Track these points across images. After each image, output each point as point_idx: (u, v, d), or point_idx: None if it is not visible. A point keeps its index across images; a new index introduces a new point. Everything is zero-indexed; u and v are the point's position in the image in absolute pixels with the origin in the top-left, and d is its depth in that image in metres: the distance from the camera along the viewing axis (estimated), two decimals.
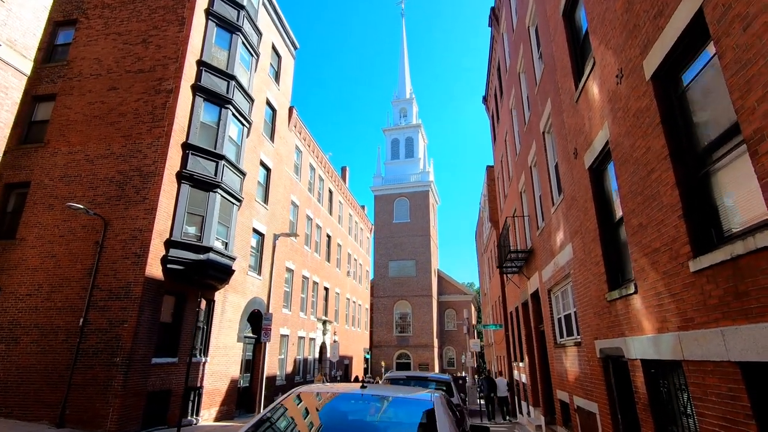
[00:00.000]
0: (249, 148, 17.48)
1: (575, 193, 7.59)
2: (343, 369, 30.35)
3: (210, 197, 13.70)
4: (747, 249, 3.17)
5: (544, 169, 10.28)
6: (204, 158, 13.75)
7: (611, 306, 6.11)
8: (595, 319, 6.89)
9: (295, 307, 22.14)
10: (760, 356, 3.07)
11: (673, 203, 4.23)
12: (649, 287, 4.83)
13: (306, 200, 24.49)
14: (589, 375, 7.40)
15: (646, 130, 4.72)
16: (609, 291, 6.13)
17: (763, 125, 3.00)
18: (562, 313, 9.50)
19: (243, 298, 16.59)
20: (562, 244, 8.76)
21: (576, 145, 7.42)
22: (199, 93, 14.06)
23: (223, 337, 15.13)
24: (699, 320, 3.90)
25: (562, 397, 9.51)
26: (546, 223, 10.31)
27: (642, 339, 5.06)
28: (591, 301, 7.07)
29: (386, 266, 54.79)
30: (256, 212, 18.10)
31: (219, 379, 14.79)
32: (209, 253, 13.24)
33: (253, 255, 17.93)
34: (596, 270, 6.67)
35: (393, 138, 61.83)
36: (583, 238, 7.26)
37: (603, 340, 6.53)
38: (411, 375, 8.42)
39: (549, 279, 10.13)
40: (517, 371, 17.17)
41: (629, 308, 5.45)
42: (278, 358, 19.97)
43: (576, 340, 8.26)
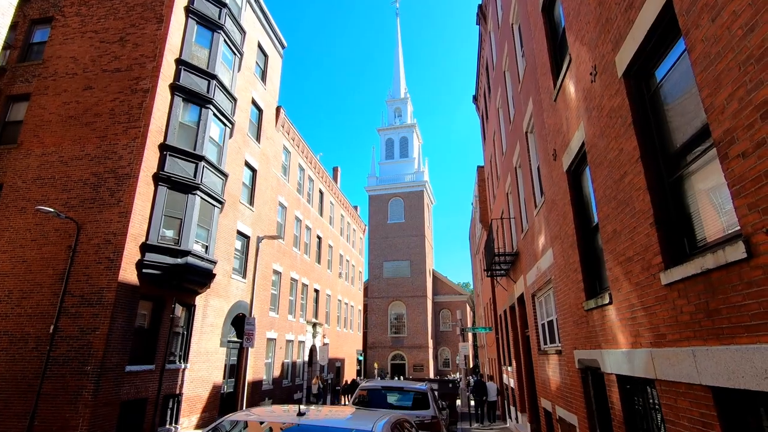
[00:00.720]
0: (233, 149, 17.13)
1: (555, 196, 7.30)
2: (334, 371, 30.02)
3: (189, 199, 13.34)
4: (717, 263, 2.88)
5: (527, 171, 9.99)
6: (183, 159, 13.39)
7: (588, 315, 5.82)
8: (574, 328, 6.60)
9: (283, 310, 21.80)
10: (731, 382, 2.78)
11: (644, 209, 3.93)
12: (623, 298, 4.53)
13: (295, 201, 24.14)
14: (569, 385, 7.11)
15: (618, 131, 4.42)
16: (586, 300, 5.84)
17: (733, 126, 2.70)
18: (545, 319, 9.21)
19: (226, 302, 16.24)
20: (544, 248, 8.46)
21: (555, 147, 7.12)
22: (177, 92, 13.70)
23: (205, 343, 14.79)
24: (671, 337, 3.60)
25: (546, 406, 9.23)
26: (529, 226, 10.02)
27: (617, 353, 4.76)
28: (570, 309, 6.77)
29: (381, 267, 54.53)
30: (241, 214, 17.75)
31: (200, 385, 14.44)
32: (188, 256, 12.89)
33: (238, 258, 17.58)
34: (574, 277, 6.37)
35: (387, 138, 61.54)
36: (563, 243, 6.96)
37: (581, 350, 6.24)
38: (386, 385, 8.11)
39: (533, 283, 9.84)
40: (506, 375, 16.89)
41: (605, 319, 5.16)
42: (264, 362, 19.63)
43: (557, 348, 7.97)
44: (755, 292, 2.56)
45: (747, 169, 2.59)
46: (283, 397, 21.07)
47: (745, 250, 2.60)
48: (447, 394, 20.18)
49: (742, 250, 2.62)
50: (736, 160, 2.69)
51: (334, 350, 30.51)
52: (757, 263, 2.54)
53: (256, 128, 19.91)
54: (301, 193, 25.45)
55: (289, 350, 22.56)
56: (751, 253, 2.58)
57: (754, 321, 2.58)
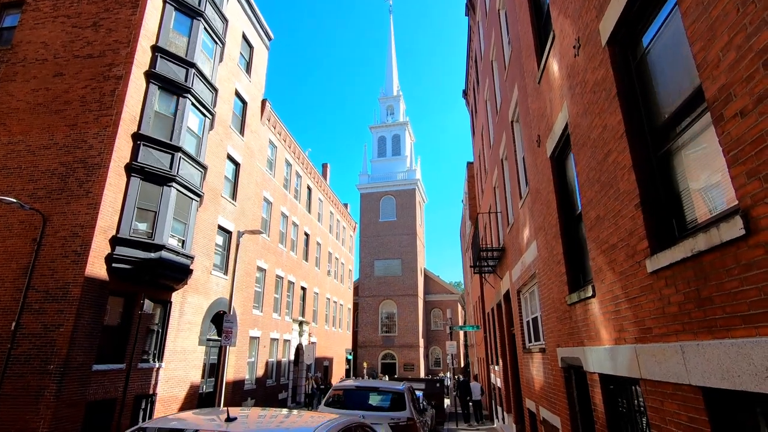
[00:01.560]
0: (214, 141, 16.59)
1: (539, 185, 6.91)
2: (322, 371, 29.52)
3: (164, 192, 12.80)
4: (710, 244, 2.47)
5: (513, 162, 9.60)
6: (158, 150, 12.85)
7: (571, 310, 5.42)
8: (558, 324, 6.21)
9: (268, 308, 21.28)
10: (724, 382, 2.37)
11: (629, 189, 3.53)
12: (607, 290, 4.13)
13: (281, 197, 23.62)
14: (552, 385, 6.72)
15: (602, 106, 4.02)
16: (569, 293, 5.45)
17: (730, 80, 2.30)
18: (530, 317, 8.83)
19: (206, 299, 15.71)
20: (528, 241, 8.07)
21: (539, 132, 6.73)
22: (153, 80, 13.15)
23: (182, 341, 14.25)
24: (657, 331, 3.20)
25: (530, 407, 8.84)
26: (515, 219, 9.63)
27: (599, 350, 4.36)
28: (554, 304, 6.38)
29: (372, 265, 54.06)
30: (223, 209, 17.22)
31: (176, 385, 13.91)
32: (162, 251, 12.36)
33: (219, 254, 17.05)
34: (558, 270, 5.98)
35: (380, 135, 61.06)
36: (546, 234, 6.57)
37: (564, 348, 5.85)
38: (361, 385, 7.67)
39: (518, 279, 9.45)
40: (494, 374, 16.54)
41: (588, 314, 4.76)
42: (247, 361, 19.11)
43: (541, 346, 7.58)
44: (754, 276, 2.15)
45: (746, 129, 2.19)
46: (266, 397, 20.56)
47: (743, 225, 2.20)
48: (434, 394, 19.78)
49: (740, 227, 2.22)
50: (733, 120, 2.28)
51: (322, 349, 30.03)
52: (757, 241, 2.13)
53: (239, 121, 19.37)
54: (287, 188, 24.92)
55: (274, 349, 22.04)
56: (749, 230, 2.17)
57: (753, 310, 2.17)
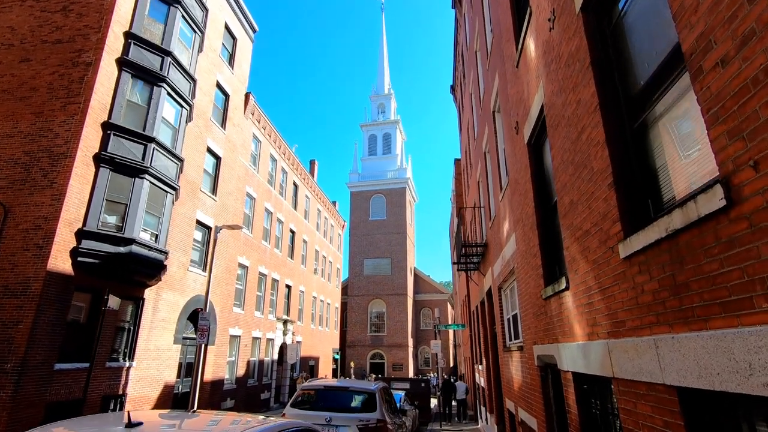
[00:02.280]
0: (192, 133, 16.08)
1: (517, 174, 6.57)
2: (307, 370, 29.06)
3: (135, 183, 12.30)
4: (687, 220, 2.13)
5: (494, 155, 9.27)
6: (129, 140, 12.33)
7: (546, 305, 5.09)
8: (534, 321, 5.88)
9: (250, 306, 20.78)
10: (702, 381, 2.03)
11: (602, 168, 3.18)
12: (580, 281, 3.80)
13: (265, 193, 23.12)
14: (529, 385, 6.39)
15: (576, 79, 3.68)
16: (544, 287, 5.11)
17: (709, 25, 1.95)
18: (510, 313, 8.51)
19: (182, 296, 15.20)
20: (508, 234, 7.74)
21: (517, 118, 6.39)
22: (126, 68, 12.63)
23: (156, 339, 13.74)
24: (630, 324, 2.86)
25: (510, 407, 8.52)
26: (496, 213, 9.31)
27: (573, 347, 4.03)
28: (530, 299, 6.05)
29: (361, 264, 53.62)
30: (202, 203, 16.71)
31: (149, 385, 13.40)
32: (132, 245, 11.85)
33: (198, 250, 16.54)
34: (534, 263, 5.64)
35: (370, 134, 60.63)
36: (524, 226, 6.23)
37: (540, 345, 5.51)
38: (330, 385, 7.27)
39: (499, 275, 9.13)
40: (478, 374, 16.24)
41: (562, 308, 4.42)
42: (227, 360, 18.61)
43: (519, 344, 7.25)
44: (737, 255, 1.81)
45: (727, 80, 1.85)
46: (247, 398, 20.07)
47: (724, 195, 1.86)
48: (419, 394, 19.42)
49: (720, 197, 1.88)
50: (713, 72, 1.94)
51: (308, 348, 29.57)
52: (740, 212, 1.79)
53: (221, 113, 18.86)
54: (272, 184, 24.42)
55: (256, 348, 21.55)
56: (731, 200, 1.83)
57: (735, 295, 1.83)
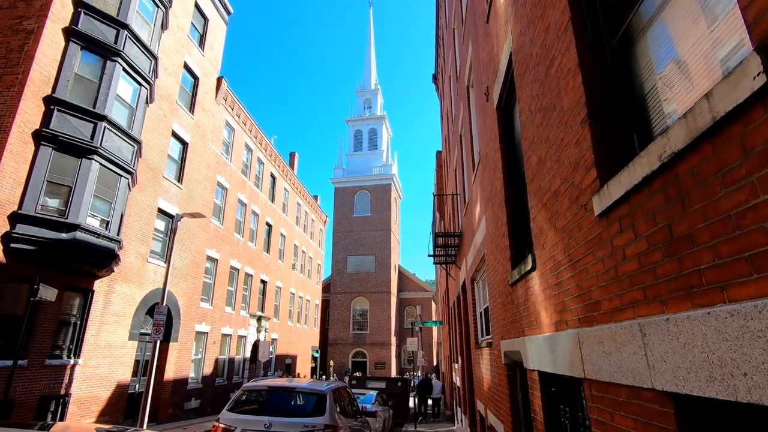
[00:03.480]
0: (155, 115, 15.03)
1: (488, 147, 5.80)
2: (284, 369, 28.10)
3: (83, 165, 11.26)
4: (694, 132, 1.35)
5: (468, 134, 8.51)
6: (76, 117, 11.29)
7: (513, 292, 4.32)
8: (502, 312, 5.12)
9: (219, 301, 19.77)
10: (717, 388, 1.25)
11: (574, 102, 2.41)
12: (548, 257, 3.03)
13: (238, 183, 22.09)
14: (497, 386, 5.64)
15: (545, 3, 2.90)
16: (511, 270, 4.34)
17: None
18: (482, 307, 7.76)
19: (139, 289, 14.17)
20: (479, 218, 6.99)
21: (487, 83, 5.62)
22: (74, 39, 11.57)
23: (107, 335, 12.71)
24: (607, 306, 2.09)
25: (481, 410, 7.79)
26: (469, 198, 8.56)
27: (539, 340, 3.26)
28: (499, 287, 5.29)
29: (345, 261, 52.72)
30: (165, 191, 15.67)
31: (98, 384, 12.37)
32: (76, 231, 10.82)
33: (159, 240, 15.50)
34: (502, 244, 4.88)
35: (356, 129, 59.79)
36: (493, 205, 5.47)
37: (507, 340, 4.75)
38: (274, 385, 6.40)
39: (471, 265, 8.38)
40: (455, 373, 15.53)
41: (528, 293, 3.66)
42: (192, 358, 17.58)
43: (489, 340, 6.51)
44: None
45: None
46: (215, 397, 19.06)
47: (763, 69, 1.08)
48: (395, 394, 18.69)
49: (756, 72, 1.10)
50: None
51: (285, 346, 28.60)
52: None
53: (189, 97, 17.80)
54: (247, 175, 23.39)
55: (226, 345, 20.53)
56: None
57: None
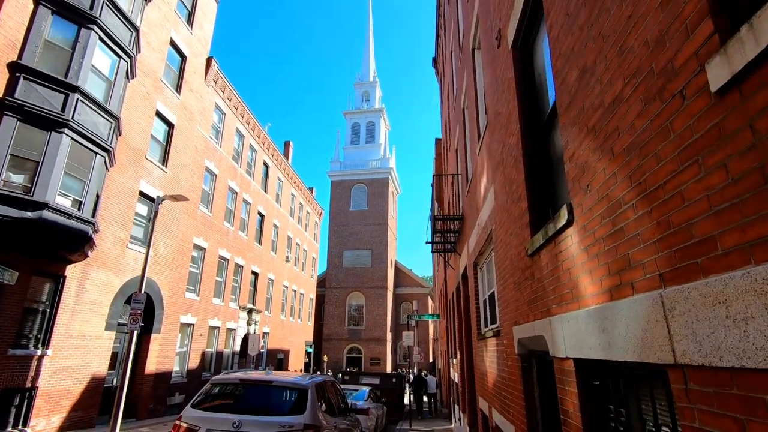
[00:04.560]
0: (137, 93, 14.13)
1: (499, 104, 4.97)
2: (275, 364, 27.29)
3: (52, 138, 10.35)
4: None
5: (472, 102, 7.66)
6: (46, 87, 10.38)
7: (534, 264, 3.49)
8: (515, 292, 4.29)
9: (207, 292, 18.90)
10: None
11: None
12: (596, 200, 2.19)
13: (229, 170, 21.18)
14: (507, 380, 4.82)
15: None
16: (531, 237, 3.51)
17: None
18: (487, 293, 6.94)
19: (118, 277, 13.29)
20: (485, 191, 6.15)
21: (499, 25, 4.77)
22: (44, 2, 10.65)
23: (80, 324, 11.84)
24: (734, 239, 1.24)
25: (483, 407, 6.98)
26: (473, 172, 7.72)
27: (576, 317, 2.42)
28: (511, 263, 4.46)
29: (340, 256, 51.89)
30: (148, 173, 14.77)
31: (70, 377, 11.51)
32: (43, 210, 9.94)
33: (141, 225, 14.60)
34: (517, 209, 4.05)
35: (354, 122, 58.91)
36: (505, 167, 4.64)
37: (523, 325, 3.93)
38: (247, 378, 5.50)
39: (474, 248, 7.56)
40: (452, 369, 14.74)
41: (559, 259, 2.82)
42: (177, 351, 16.73)
43: (495, 329, 5.69)
44: None
45: None
46: None
47: None
48: (389, 390, 17.92)
49: None
50: None
51: (277, 341, 27.79)
52: None
53: (175, 76, 16.88)
54: (238, 162, 22.48)
55: (214, 338, 19.69)
56: None
57: None
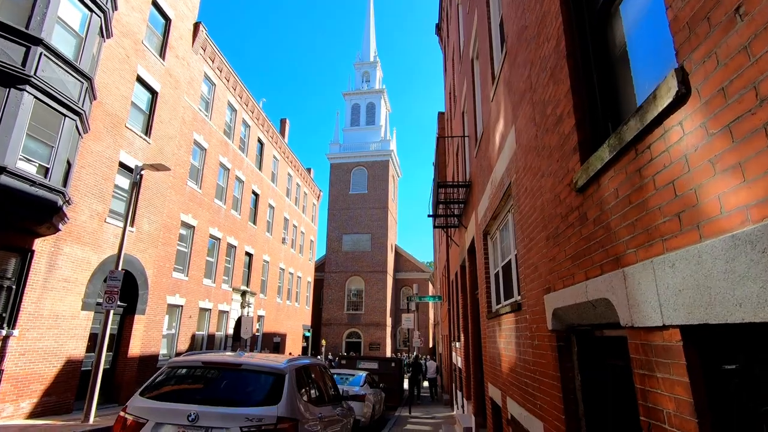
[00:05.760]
0: (115, 54, 12.98)
1: (525, 14, 3.88)
2: (271, 348, 26.56)
3: (11, 96, 9.26)
4: None
5: (485, 42, 6.54)
6: (3, 38, 9.25)
7: (585, 200, 2.46)
8: (549, 249, 3.27)
9: (197, 272, 17.97)
10: None
11: None
12: (738, 46, 1.14)
13: (220, 144, 20.06)
14: (530, 364, 3.84)
15: None
16: (582, 163, 2.47)
17: None
18: (500, 265, 5.94)
19: (96, 253, 12.32)
20: (503, 139, 5.10)
21: None
22: None
23: (53, 303, 10.91)
24: None
25: (494, 396, 6.04)
26: (485, 124, 6.64)
27: (700, 254, 1.39)
28: (542, 213, 3.44)
29: (340, 240, 51.04)
30: (129, 143, 13.69)
31: (41, 359, 10.63)
32: (1, 175, 8.91)
33: (122, 199, 13.58)
34: (555, 137, 3.01)
35: (354, 103, 57.50)
36: (534, 93, 3.58)
37: (561, 290, 2.92)
38: (210, 360, 4.49)
39: (485, 213, 6.53)
40: (455, 353, 13.87)
41: (646, 174, 1.78)
42: (164, 333, 15.87)
43: (514, 302, 4.70)
44: None
45: None
46: None
47: None
48: (388, 375, 17.13)
49: None
50: None
51: (273, 324, 27.02)
52: None
53: (159, 41, 15.67)
54: (230, 137, 21.34)
55: (205, 321, 18.83)
56: None
57: None
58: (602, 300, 2.20)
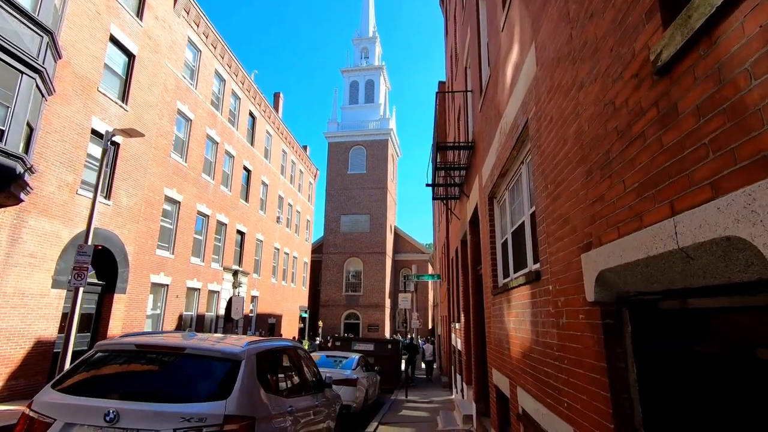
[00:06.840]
0: (85, 11, 11.83)
1: None
2: (266, 329, 25.93)
3: None
4: None
5: None
6: None
7: (674, 85, 1.47)
8: (592, 188, 2.30)
9: (183, 250, 17.08)
10: None
11: None
12: None
13: (207, 116, 18.91)
14: (554, 349, 2.92)
15: None
16: (667, 27, 1.47)
17: None
18: (510, 230, 4.98)
19: (66, 227, 11.38)
20: (516, 68, 4.07)
21: None
22: None
23: (17, 280, 10.03)
24: None
25: (500, 384, 5.17)
26: (492, 65, 5.59)
27: None
28: (580, 141, 2.46)
29: (338, 220, 50.11)
30: (102, 109, 12.60)
31: (6, 340, 9.80)
32: None
33: (94, 169, 12.57)
34: (611, 15, 2.00)
35: (352, 80, 55.81)
36: None
37: (615, 242, 1.96)
38: (145, 343, 3.37)
39: (491, 172, 5.55)
40: (454, 334, 13.06)
41: None
42: (148, 313, 15.07)
43: (530, 272, 3.76)
44: None
45: None
46: None
47: None
48: (385, 357, 16.44)
49: None
50: None
51: (268, 305, 26.31)
52: None
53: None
54: (218, 108, 20.16)
55: (193, 301, 18.03)
56: None
57: None
58: (716, 242, 1.24)
